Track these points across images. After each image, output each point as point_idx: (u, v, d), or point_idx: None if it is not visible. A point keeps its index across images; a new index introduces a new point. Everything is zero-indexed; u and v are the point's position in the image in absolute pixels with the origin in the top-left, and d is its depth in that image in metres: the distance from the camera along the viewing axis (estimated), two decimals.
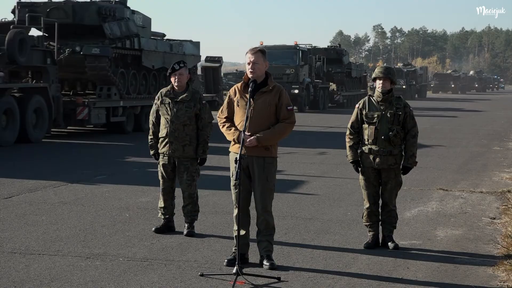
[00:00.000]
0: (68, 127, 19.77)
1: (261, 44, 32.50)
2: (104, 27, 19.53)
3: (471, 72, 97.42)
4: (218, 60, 25.68)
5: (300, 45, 34.70)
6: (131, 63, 20.66)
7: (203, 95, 23.93)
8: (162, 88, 7.72)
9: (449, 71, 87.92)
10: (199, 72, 26.74)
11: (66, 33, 19.12)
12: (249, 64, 6.24)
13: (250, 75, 6.24)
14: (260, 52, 6.28)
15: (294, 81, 32.71)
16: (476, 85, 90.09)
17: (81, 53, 18.98)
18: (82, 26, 19.65)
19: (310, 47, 37.87)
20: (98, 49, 18.92)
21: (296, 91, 32.36)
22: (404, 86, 52.10)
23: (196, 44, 24.41)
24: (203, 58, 25.41)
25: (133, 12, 21.31)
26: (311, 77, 35.21)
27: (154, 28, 22.91)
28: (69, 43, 19.10)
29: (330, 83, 40.59)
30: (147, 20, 22.19)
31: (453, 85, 77.67)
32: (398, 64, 70.44)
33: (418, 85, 58.79)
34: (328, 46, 42.21)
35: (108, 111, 19.44)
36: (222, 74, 28.91)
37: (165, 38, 23.71)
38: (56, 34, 18.17)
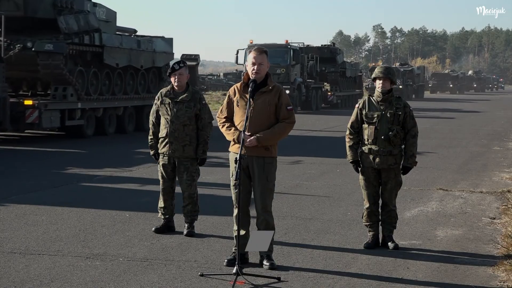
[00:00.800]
0: (26, 131, 17.77)
1: (251, 43, 31.96)
2: (58, 20, 17.58)
3: (470, 72, 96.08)
4: (195, 58, 23.97)
5: (291, 44, 33.51)
6: (92, 60, 18.87)
7: None
8: (126, 88, 7.54)
9: (447, 71, 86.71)
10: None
11: (17, 27, 17.31)
12: (253, 64, 6.22)
13: (253, 76, 6.23)
14: (265, 54, 6.28)
15: (285, 81, 31.31)
16: (475, 85, 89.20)
17: (33, 49, 17.03)
18: (34, 20, 17.70)
19: (302, 46, 36.49)
20: (52, 45, 16.97)
21: (287, 91, 31.44)
22: (400, 86, 50.63)
23: (169, 41, 22.80)
24: (177, 55, 23.96)
25: (95, 4, 19.56)
26: (303, 77, 33.89)
27: (129, 24, 21.99)
28: (20, 39, 17.18)
29: (325, 83, 39.48)
30: (111, 14, 20.51)
31: (451, 85, 76.61)
32: (395, 64, 69.44)
33: (415, 85, 57.35)
34: (321, 45, 40.31)
35: (63, 114, 17.45)
36: (224, 74, 28.51)
37: (136, 34, 22.31)
38: (3, 27, 16.55)
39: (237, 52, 32.50)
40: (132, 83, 20.69)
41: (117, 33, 20.76)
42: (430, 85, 75.28)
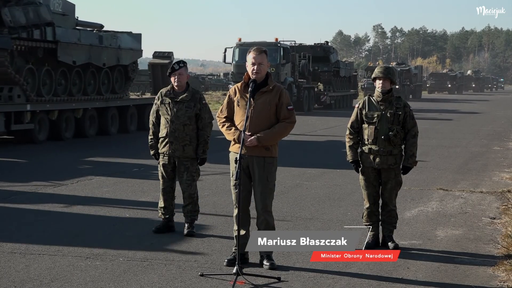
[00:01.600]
0: None
1: (239, 41, 31.31)
2: (2, 12, 15.54)
3: (469, 72, 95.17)
4: (168, 55, 22.02)
5: (281, 42, 32.04)
6: (45, 58, 17.00)
7: (149, 96, 21.85)
8: (86, 88, 7.30)
9: (445, 71, 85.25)
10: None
11: None
12: (253, 64, 6.23)
13: (254, 76, 6.23)
14: (264, 53, 6.29)
15: (275, 80, 30.92)
16: (473, 85, 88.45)
17: None
18: None
19: (294, 44, 34.82)
20: None
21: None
22: (397, 86, 49.82)
23: (136, 37, 20.99)
24: (146, 52, 22.32)
25: None
26: (294, 77, 32.15)
27: (97, 19, 20.36)
28: None
29: (319, 83, 38.03)
30: (69, 7, 18.54)
31: (449, 85, 75.20)
32: (392, 63, 68.31)
33: (412, 85, 55.44)
34: (315, 43, 38.61)
35: (8, 117, 15.35)
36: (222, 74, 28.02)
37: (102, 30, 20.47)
38: None
39: (225, 50, 31.30)
40: (94, 82, 19.10)
41: (77, 28, 18.96)
42: (428, 85, 74.26)
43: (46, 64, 17.12)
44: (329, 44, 40.25)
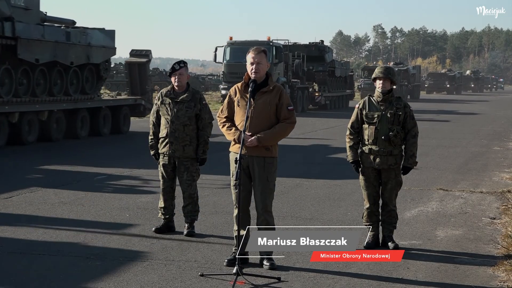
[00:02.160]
0: None
1: (230, 39, 30.54)
2: None
3: (468, 72, 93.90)
4: (146, 54, 20.70)
5: (274, 41, 30.85)
6: (3, 55, 15.41)
7: (124, 97, 20.70)
8: (52, 88, 6.89)
9: (443, 71, 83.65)
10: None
11: None
12: (252, 64, 6.23)
13: (253, 76, 6.24)
14: (263, 53, 6.29)
15: None
16: (472, 85, 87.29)
17: None
18: None
19: (288, 43, 34.01)
20: None
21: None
22: (395, 87, 48.79)
23: (109, 34, 19.48)
24: (118, 50, 20.96)
25: None
26: (287, 76, 31.18)
27: (72, 16, 18.77)
28: None
29: (314, 83, 36.38)
30: (32, 0, 16.94)
31: (448, 85, 73.72)
32: (389, 63, 67.13)
33: (410, 85, 54.15)
34: (309, 43, 37.48)
35: None
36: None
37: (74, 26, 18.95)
38: None
39: (216, 49, 30.33)
40: (61, 82, 17.45)
41: (45, 23, 17.44)
42: (426, 85, 73.19)
43: (6, 63, 15.50)
44: (326, 43, 39.02)
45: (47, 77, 16.84)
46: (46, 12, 17.99)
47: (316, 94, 35.81)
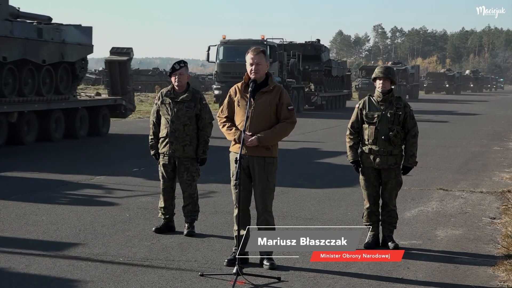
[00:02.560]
0: None
1: (224, 38, 29.90)
2: None
3: (467, 72, 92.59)
4: (127, 52, 19.66)
5: (268, 40, 29.96)
6: None
7: (103, 97, 19.69)
8: (22, 88, 6.53)
9: (442, 70, 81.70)
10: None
11: None
12: (251, 64, 6.24)
13: (253, 76, 6.24)
14: (262, 53, 6.29)
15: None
16: (472, 85, 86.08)
17: None
18: None
19: (283, 42, 33.45)
20: None
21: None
22: (393, 87, 47.66)
23: (86, 30, 18.41)
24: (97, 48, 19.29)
25: None
26: (281, 76, 30.46)
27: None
28: None
29: (310, 83, 35.54)
30: None
31: (447, 85, 72.25)
32: (387, 63, 66.23)
33: (409, 85, 53.09)
34: (305, 41, 36.39)
35: None
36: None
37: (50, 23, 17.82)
38: None
39: (209, 48, 29.57)
40: (32, 82, 16.36)
41: (17, 20, 16.39)
42: (425, 85, 72.22)
43: None
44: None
45: (16, 76, 15.72)
46: (19, 8, 17.07)
47: (312, 95, 34.73)
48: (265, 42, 29.11)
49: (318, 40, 37.25)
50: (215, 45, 29.76)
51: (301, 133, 20.01)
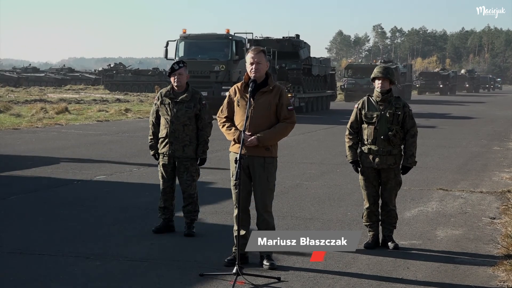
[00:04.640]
0: None
1: (184, 32, 27.07)
2: None
3: (462, 71, 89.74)
4: None
5: (235, 34, 27.12)
6: None
7: None
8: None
9: (436, 70, 78.56)
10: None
11: None
12: (252, 64, 6.23)
13: (253, 75, 6.24)
14: (262, 52, 6.29)
15: (225, 80, 25.01)
16: (467, 85, 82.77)
17: None
18: None
19: (258, 38, 30.75)
20: None
21: (227, 93, 21.08)
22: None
23: None
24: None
25: None
26: None
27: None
28: None
29: (288, 83, 30.96)
30: None
31: (441, 85, 68.62)
32: (375, 61, 61.19)
33: (400, 86, 48.73)
34: (283, 37, 32.53)
35: None
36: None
37: None
38: None
39: (167, 44, 26.53)
40: None
41: None
42: (417, 85, 69.07)
43: None
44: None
45: None
46: None
47: (289, 95, 32.19)
48: (230, 37, 26.51)
49: (297, 36, 33.34)
50: (174, 40, 26.79)
51: (301, 133, 20.01)
